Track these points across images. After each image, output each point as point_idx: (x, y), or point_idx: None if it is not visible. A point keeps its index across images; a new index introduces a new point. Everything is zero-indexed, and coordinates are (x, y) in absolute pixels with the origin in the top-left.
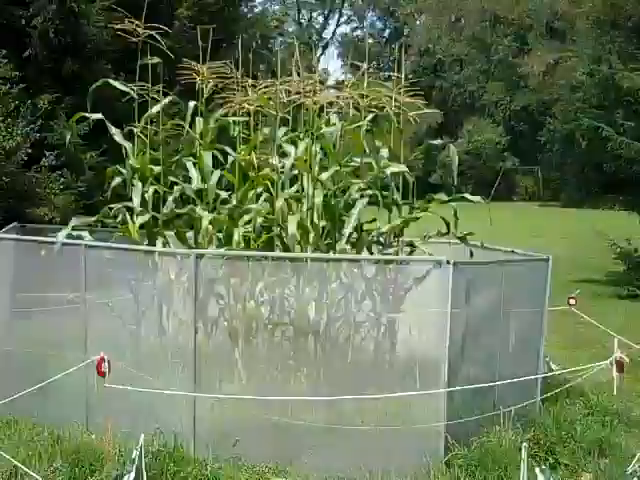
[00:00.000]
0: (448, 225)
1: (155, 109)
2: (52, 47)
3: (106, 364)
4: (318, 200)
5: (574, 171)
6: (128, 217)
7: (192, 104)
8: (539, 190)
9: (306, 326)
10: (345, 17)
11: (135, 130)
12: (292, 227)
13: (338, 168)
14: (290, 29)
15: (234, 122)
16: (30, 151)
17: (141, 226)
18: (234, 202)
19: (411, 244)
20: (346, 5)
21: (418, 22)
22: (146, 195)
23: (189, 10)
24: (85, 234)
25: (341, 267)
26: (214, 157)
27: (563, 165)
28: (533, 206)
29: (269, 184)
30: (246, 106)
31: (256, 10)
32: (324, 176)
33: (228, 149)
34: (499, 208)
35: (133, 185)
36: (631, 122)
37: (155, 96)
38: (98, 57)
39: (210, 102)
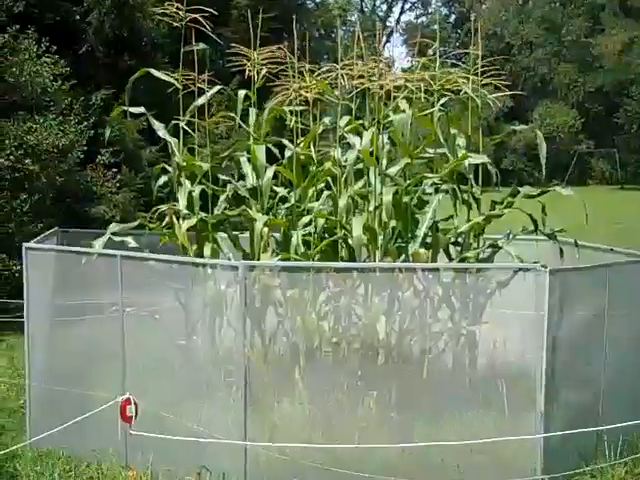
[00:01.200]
0: (536, 223)
1: (201, 100)
2: (108, 42)
3: (132, 407)
4: (387, 198)
5: None
6: (174, 219)
7: (242, 93)
8: (617, 173)
9: (375, 340)
10: (409, 4)
11: (181, 124)
12: (357, 229)
13: (409, 160)
14: (353, 18)
15: (291, 112)
16: (86, 148)
17: (191, 228)
18: (292, 201)
19: (494, 245)
20: None
21: (484, 6)
22: (193, 195)
23: None
24: (129, 240)
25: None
26: (269, 152)
27: None
28: (611, 190)
29: (330, 180)
30: (303, 93)
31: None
32: (393, 170)
33: (285, 141)
34: (575, 193)
35: (180, 184)
36: None
37: (202, 86)
38: (155, 51)
39: (264, 91)
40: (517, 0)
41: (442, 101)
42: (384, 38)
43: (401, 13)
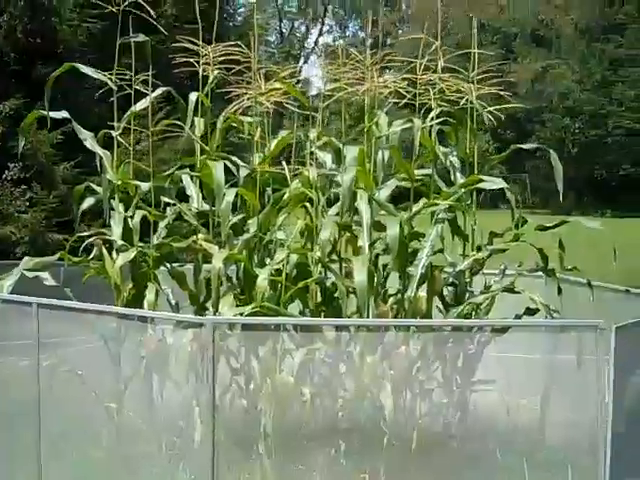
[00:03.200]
0: (546, 259)
1: (140, 105)
2: (19, 49)
3: None
4: (393, 232)
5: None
6: (105, 252)
7: (193, 96)
8: (528, 198)
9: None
10: (327, 26)
11: (114, 134)
12: (361, 273)
13: (400, 183)
14: (271, 38)
15: (249, 123)
16: None
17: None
18: (251, 230)
19: (510, 288)
20: (328, 15)
21: (401, 31)
22: (132, 222)
23: (173, 8)
24: (45, 276)
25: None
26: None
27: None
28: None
29: (307, 206)
30: (262, 101)
31: (239, 18)
32: (383, 194)
33: (236, 159)
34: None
35: (112, 209)
36: None
37: (140, 88)
38: (72, 60)
39: (215, 98)
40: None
41: (433, 113)
42: (302, 59)
43: (319, 35)
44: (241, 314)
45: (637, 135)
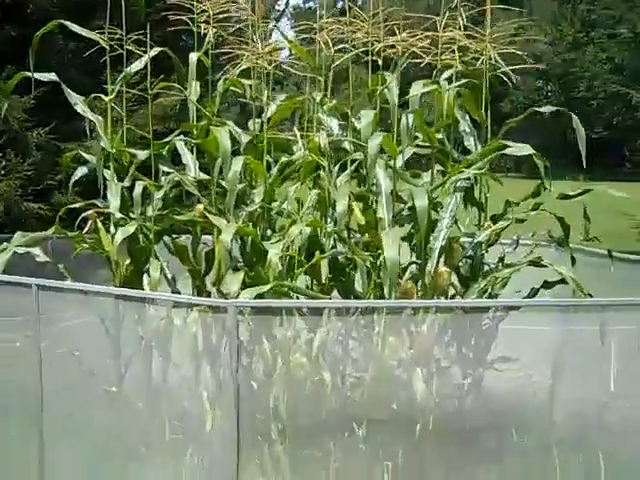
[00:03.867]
0: (567, 229)
1: (136, 66)
2: None
3: None
4: (422, 204)
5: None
6: (100, 226)
7: (194, 57)
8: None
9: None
10: None
11: (106, 99)
12: (392, 250)
13: (415, 150)
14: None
15: (250, 86)
16: None
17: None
18: (256, 201)
19: (535, 261)
20: None
21: None
22: (132, 193)
23: None
24: (36, 251)
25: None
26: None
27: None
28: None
29: (320, 175)
30: (262, 64)
31: None
32: (399, 162)
33: (232, 125)
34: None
35: (106, 179)
36: None
37: (132, 48)
38: (44, 21)
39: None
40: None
41: (448, 74)
42: (273, 22)
43: None
44: (261, 295)
45: (610, 99)
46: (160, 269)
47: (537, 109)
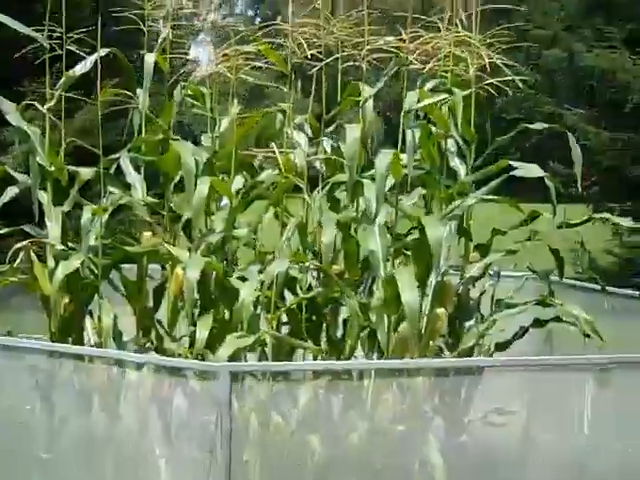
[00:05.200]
0: (561, 262)
1: (80, 68)
2: None
3: None
4: (436, 233)
5: None
6: (35, 259)
7: (151, 58)
8: None
9: None
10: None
11: (44, 107)
12: (411, 293)
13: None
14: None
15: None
16: None
17: None
18: (217, 229)
19: (544, 301)
20: None
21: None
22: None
23: None
24: None
25: None
26: None
27: None
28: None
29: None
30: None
31: None
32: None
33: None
34: None
35: (41, 203)
36: None
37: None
38: None
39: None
40: (325, 9)
41: (431, 84)
42: (191, 37)
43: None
44: (244, 349)
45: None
46: (111, 314)
47: (528, 125)
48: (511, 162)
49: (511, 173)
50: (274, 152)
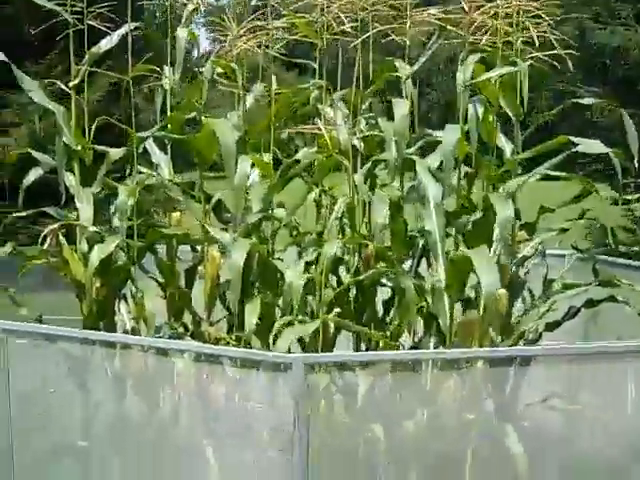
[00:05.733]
0: (615, 237)
1: (105, 44)
2: None
3: None
4: (507, 214)
5: None
6: (65, 243)
7: (183, 33)
8: None
9: None
10: None
11: (69, 84)
12: (491, 276)
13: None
14: None
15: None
16: None
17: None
18: (254, 209)
19: (609, 281)
20: None
21: None
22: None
23: None
24: None
25: None
26: None
27: None
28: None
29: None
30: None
31: None
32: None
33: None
34: None
35: (70, 184)
36: None
37: (95, 24)
38: None
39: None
40: None
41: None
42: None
43: None
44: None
45: None
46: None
47: (578, 100)
48: (571, 138)
49: (572, 150)
50: (317, 129)
